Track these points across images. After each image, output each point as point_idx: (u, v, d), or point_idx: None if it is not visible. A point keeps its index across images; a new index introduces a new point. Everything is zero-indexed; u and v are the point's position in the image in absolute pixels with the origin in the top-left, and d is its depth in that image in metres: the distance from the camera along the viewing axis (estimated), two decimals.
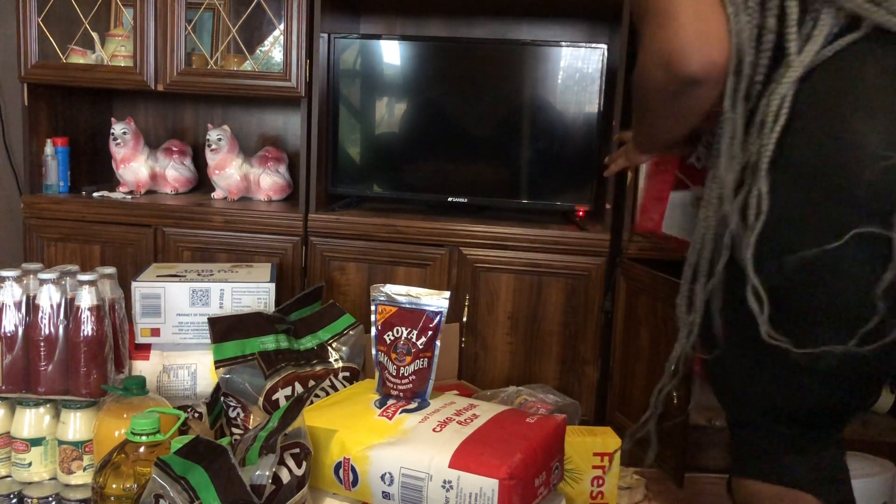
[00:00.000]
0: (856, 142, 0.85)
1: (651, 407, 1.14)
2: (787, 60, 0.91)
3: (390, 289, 1.23)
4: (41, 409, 1.29)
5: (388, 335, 1.22)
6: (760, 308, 0.91)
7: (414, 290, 1.23)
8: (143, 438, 1.06)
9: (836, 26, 0.91)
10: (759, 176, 0.91)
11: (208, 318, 1.42)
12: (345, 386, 1.42)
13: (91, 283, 1.26)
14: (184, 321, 1.50)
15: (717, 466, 1.91)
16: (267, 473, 0.94)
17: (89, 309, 1.26)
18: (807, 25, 0.91)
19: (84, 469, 1.26)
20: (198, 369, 1.48)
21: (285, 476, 0.98)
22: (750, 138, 0.94)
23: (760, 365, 0.99)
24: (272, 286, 1.55)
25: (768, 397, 1.01)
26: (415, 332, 1.21)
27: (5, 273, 1.27)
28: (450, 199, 2.22)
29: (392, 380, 1.22)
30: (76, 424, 1.26)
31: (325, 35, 2.14)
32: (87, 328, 1.25)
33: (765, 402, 1.02)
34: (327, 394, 1.38)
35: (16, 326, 1.27)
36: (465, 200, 2.21)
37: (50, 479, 1.29)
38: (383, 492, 1.05)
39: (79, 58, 2.25)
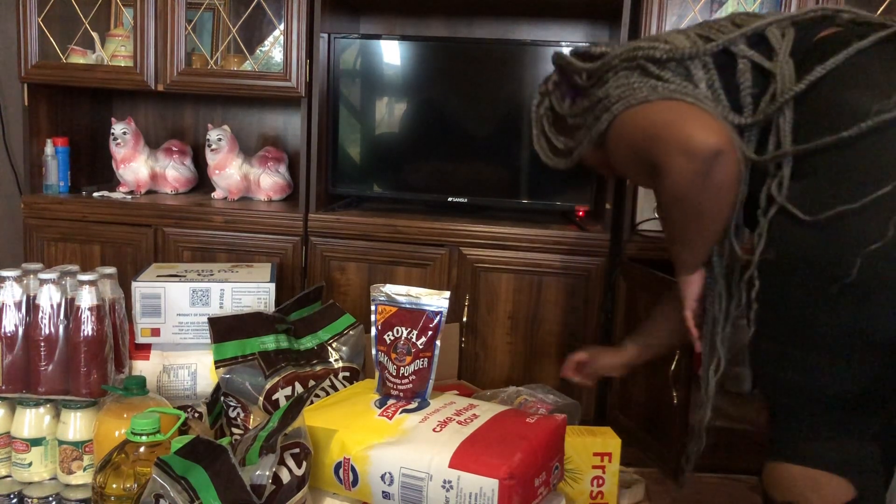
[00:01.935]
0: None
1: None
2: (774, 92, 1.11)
3: (390, 289, 1.23)
4: (41, 409, 1.29)
5: (388, 335, 1.22)
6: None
7: (414, 290, 1.23)
8: (144, 438, 1.06)
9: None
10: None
11: (208, 318, 1.42)
12: (345, 386, 1.42)
13: (91, 283, 1.26)
14: (184, 321, 1.50)
15: (717, 466, 1.91)
16: (267, 473, 0.94)
17: (89, 309, 1.26)
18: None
19: (84, 469, 1.26)
20: (198, 369, 1.48)
21: (285, 476, 0.98)
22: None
23: (817, 353, 1.05)
24: (272, 286, 1.55)
25: (818, 384, 1.07)
26: (415, 332, 1.21)
27: (5, 273, 1.27)
28: (450, 199, 2.22)
29: (392, 380, 1.22)
30: (76, 424, 1.26)
31: (325, 35, 2.14)
32: (88, 328, 1.25)
33: (814, 389, 1.07)
34: (327, 394, 1.38)
35: (16, 326, 1.27)
36: (465, 200, 2.21)
37: (50, 479, 1.29)
38: (383, 492, 1.05)
39: (79, 58, 2.25)
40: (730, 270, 1.21)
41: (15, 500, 1.27)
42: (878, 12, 1.94)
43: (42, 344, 1.26)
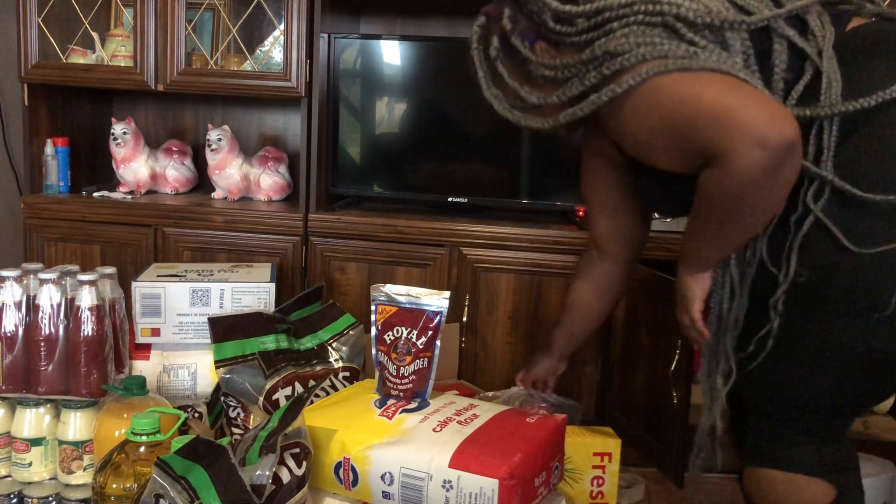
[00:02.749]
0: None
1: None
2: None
3: (390, 289, 1.23)
4: (41, 409, 1.29)
5: (388, 335, 1.22)
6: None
7: (414, 290, 1.23)
8: (144, 438, 1.06)
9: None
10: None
11: (208, 318, 1.42)
12: (345, 386, 1.42)
13: (91, 283, 1.26)
14: (184, 321, 1.50)
15: (716, 466, 1.91)
16: (267, 473, 0.94)
17: (89, 309, 1.26)
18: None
19: (84, 469, 1.26)
20: (198, 369, 1.48)
21: (285, 476, 0.98)
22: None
23: (825, 370, 1.03)
24: (272, 286, 1.55)
25: (811, 396, 1.05)
26: (415, 332, 1.21)
27: (5, 273, 1.27)
28: (450, 199, 2.22)
29: (392, 380, 1.22)
30: (76, 424, 1.26)
31: (325, 35, 2.14)
32: (88, 328, 1.25)
33: (805, 399, 1.06)
34: (327, 394, 1.38)
35: (16, 326, 1.27)
36: (465, 200, 2.21)
37: (50, 479, 1.29)
38: (383, 492, 1.05)
39: (79, 58, 2.25)
40: (743, 272, 1.10)
41: (15, 500, 1.27)
42: None
43: (42, 344, 1.26)
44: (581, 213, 2.20)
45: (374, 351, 1.24)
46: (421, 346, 1.20)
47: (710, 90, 0.92)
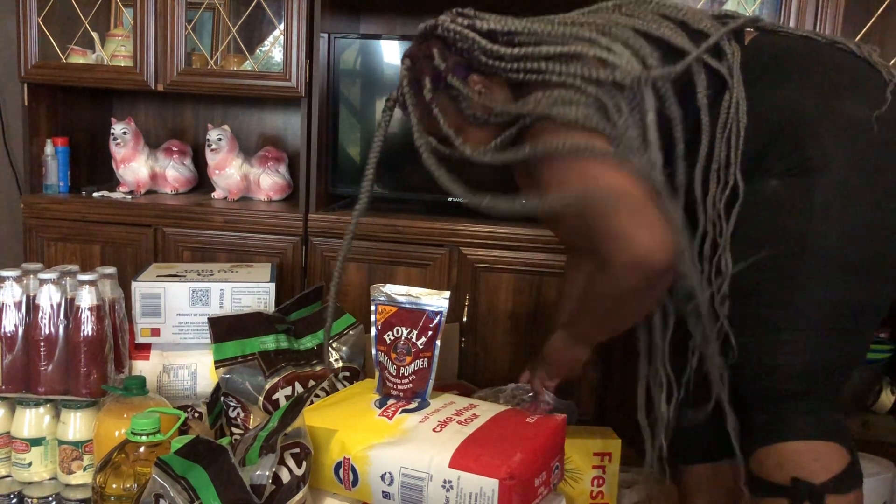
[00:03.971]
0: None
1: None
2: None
3: (390, 289, 1.23)
4: (41, 409, 1.29)
5: (388, 335, 1.22)
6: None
7: (414, 290, 1.23)
8: (143, 438, 1.06)
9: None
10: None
11: (208, 318, 1.42)
12: (345, 386, 1.42)
13: (91, 283, 1.26)
14: (184, 321, 1.50)
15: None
16: (267, 473, 0.94)
17: (89, 309, 1.26)
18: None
19: (84, 469, 1.26)
20: (198, 369, 1.48)
21: (285, 476, 0.98)
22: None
23: (803, 329, 1.09)
24: (272, 286, 1.55)
25: (804, 359, 1.10)
26: (415, 332, 1.21)
27: (5, 273, 1.27)
28: (450, 199, 2.22)
29: (392, 380, 1.22)
30: (76, 424, 1.26)
31: (325, 35, 2.14)
32: (87, 328, 1.25)
33: (800, 364, 1.11)
34: (327, 394, 1.38)
35: (16, 326, 1.27)
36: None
37: (50, 479, 1.30)
38: (383, 492, 1.05)
39: (79, 58, 2.25)
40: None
41: (15, 500, 1.27)
42: (877, 14, 1.94)
43: (42, 344, 1.26)
44: None
45: (374, 351, 1.25)
46: (421, 346, 1.20)
47: (603, 196, 1.01)
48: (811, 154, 1.06)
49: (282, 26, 2.17)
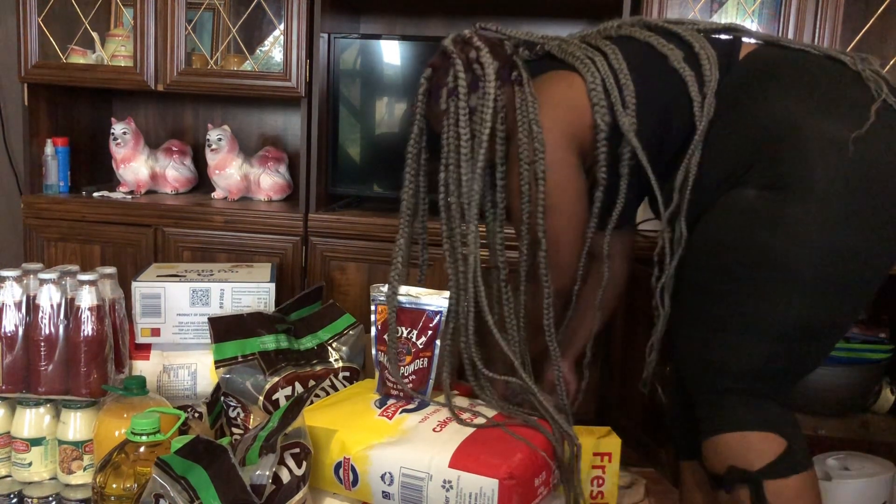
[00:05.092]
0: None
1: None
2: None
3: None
4: (41, 409, 1.29)
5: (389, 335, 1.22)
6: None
7: (414, 290, 1.23)
8: (144, 438, 1.06)
9: None
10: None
11: (208, 318, 1.42)
12: (345, 386, 1.42)
13: (91, 283, 1.26)
14: (184, 321, 1.50)
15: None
16: (267, 473, 0.94)
17: (89, 309, 1.26)
18: None
19: (84, 469, 1.26)
20: (198, 369, 1.48)
21: (285, 476, 0.98)
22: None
23: (747, 333, 1.13)
24: (272, 286, 1.55)
25: (742, 361, 1.14)
26: (415, 332, 1.21)
27: (5, 273, 1.27)
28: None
29: (392, 380, 1.22)
30: (76, 424, 1.26)
31: (325, 35, 2.14)
32: (88, 328, 1.25)
33: (737, 366, 1.14)
34: (327, 394, 1.38)
35: (16, 326, 1.27)
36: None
37: (50, 479, 1.30)
38: (383, 492, 1.05)
39: (79, 58, 2.25)
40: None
41: (15, 500, 1.27)
42: (877, 14, 1.94)
43: (42, 344, 1.26)
44: None
45: (374, 351, 1.25)
46: (421, 346, 1.20)
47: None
48: (788, 170, 1.08)
49: (282, 26, 2.17)
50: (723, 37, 1.27)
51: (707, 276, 1.16)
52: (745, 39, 1.26)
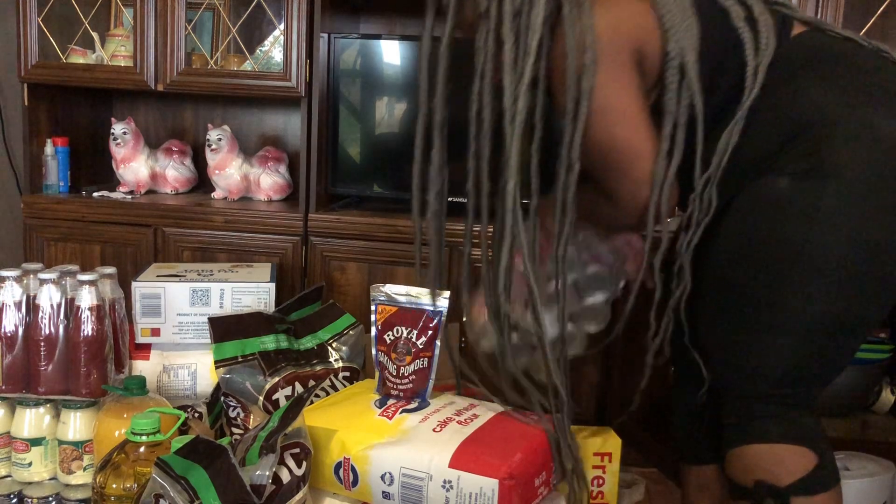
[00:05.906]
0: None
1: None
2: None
3: (390, 289, 1.23)
4: (41, 409, 1.29)
5: (388, 335, 1.23)
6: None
7: (414, 290, 1.23)
8: (144, 438, 1.06)
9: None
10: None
11: (208, 318, 1.42)
12: (345, 386, 1.42)
13: (91, 283, 1.26)
14: (184, 321, 1.50)
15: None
16: (267, 473, 0.94)
17: (89, 309, 1.26)
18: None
19: (84, 469, 1.26)
20: (198, 369, 1.48)
21: (285, 476, 0.98)
22: None
23: (785, 335, 1.08)
24: (272, 286, 1.55)
25: (781, 365, 1.09)
26: (415, 332, 1.21)
27: (5, 273, 1.27)
28: (450, 199, 2.21)
29: (392, 380, 1.22)
30: (76, 424, 1.26)
31: (325, 35, 2.14)
32: (88, 328, 1.25)
33: (776, 371, 1.10)
34: (327, 394, 1.38)
35: (16, 326, 1.27)
36: (466, 200, 2.20)
37: (50, 479, 1.30)
38: (383, 492, 1.05)
39: (79, 58, 2.25)
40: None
41: (15, 500, 1.27)
42: (878, 13, 1.94)
43: (42, 344, 1.26)
44: None
45: (374, 351, 1.25)
46: (421, 346, 1.20)
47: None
48: (826, 158, 1.03)
49: (282, 26, 2.17)
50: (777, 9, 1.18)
51: (739, 273, 1.10)
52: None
